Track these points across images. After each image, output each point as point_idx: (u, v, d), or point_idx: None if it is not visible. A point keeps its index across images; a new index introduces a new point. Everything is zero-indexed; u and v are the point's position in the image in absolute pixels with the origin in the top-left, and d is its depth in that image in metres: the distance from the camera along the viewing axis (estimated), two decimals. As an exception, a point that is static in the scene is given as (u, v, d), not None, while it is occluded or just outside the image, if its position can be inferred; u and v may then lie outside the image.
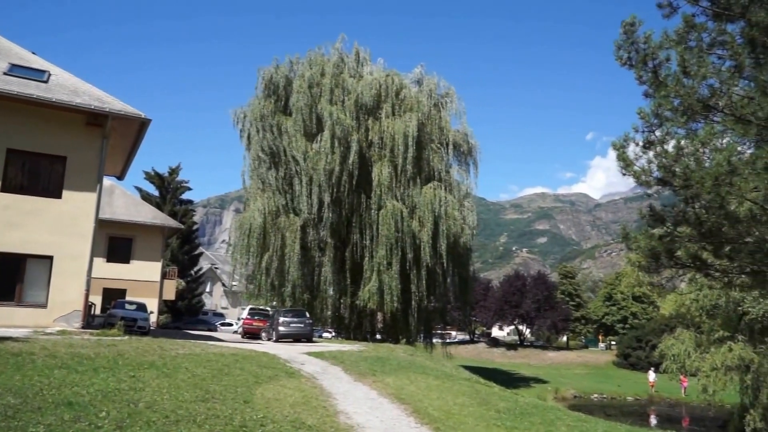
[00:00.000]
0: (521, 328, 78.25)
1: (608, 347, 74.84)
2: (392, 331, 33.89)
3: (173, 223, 36.04)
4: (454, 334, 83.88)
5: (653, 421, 34.79)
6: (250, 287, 35.00)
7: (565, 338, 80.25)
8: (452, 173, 36.23)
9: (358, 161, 31.20)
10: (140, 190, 48.57)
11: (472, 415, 10.90)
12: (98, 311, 27.68)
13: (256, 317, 31.54)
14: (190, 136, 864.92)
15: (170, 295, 37.04)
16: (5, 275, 17.41)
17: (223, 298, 73.48)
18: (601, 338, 78.94)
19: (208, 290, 67.24)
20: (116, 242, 32.78)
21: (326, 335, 43.86)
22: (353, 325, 34.56)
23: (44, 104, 17.57)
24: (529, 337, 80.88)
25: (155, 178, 49.91)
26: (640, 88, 8.22)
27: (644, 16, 7.94)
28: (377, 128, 32.57)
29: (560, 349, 75.49)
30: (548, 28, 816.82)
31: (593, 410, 30.09)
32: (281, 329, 26.09)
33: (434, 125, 34.87)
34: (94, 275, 18.87)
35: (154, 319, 29.63)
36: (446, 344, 50.25)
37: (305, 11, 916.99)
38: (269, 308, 33.09)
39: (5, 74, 18.26)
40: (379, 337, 35.81)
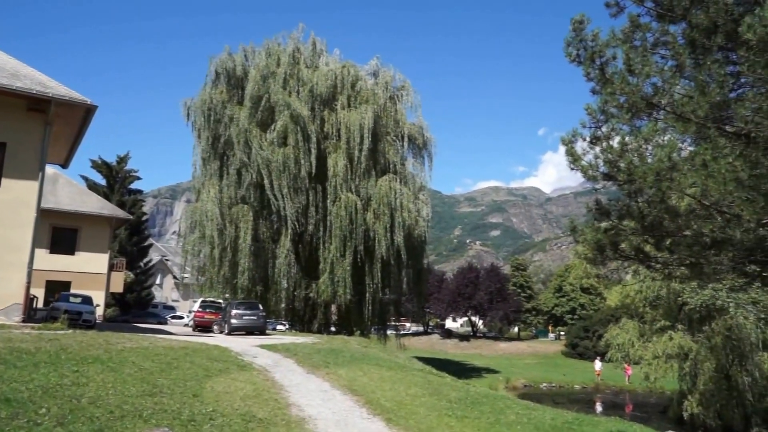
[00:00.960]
0: (474, 319, 79.57)
1: (558, 337, 76.91)
2: (346, 323, 33.93)
3: (121, 213, 34.94)
4: (408, 325, 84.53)
5: (599, 408, 35.97)
6: (201, 279, 34.37)
7: (516, 329, 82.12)
8: (407, 166, 36.46)
9: (313, 152, 30.98)
10: (86, 179, 46.94)
11: (424, 405, 11.04)
12: (41, 304, 26.65)
13: (207, 310, 30.99)
14: (141, 125, 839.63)
15: (118, 287, 35.92)
16: (-61, 267, 16.55)
17: (174, 290, 71.86)
18: (551, 329, 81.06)
19: (158, 282, 65.65)
20: (60, 233, 31.54)
21: (280, 328, 43.48)
22: (307, 317, 34.43)
23: (-19, 88, 16.72)
24: (481, 328, 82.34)
25: (103, 167, 48.29)
26: (588, 84, 8.42)
27: (593, 14, 8.14)
28: (333, 119, 32.41)
29: (512, 339, 77.18)
30: (502, 21, 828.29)
31: (542, 399, 30.91)
32: (234, 322, 25.79)
33: (390, 118, 34.95)
34: (36, 267, 18.14)
35: (100, 312, 28.75)
36: (400, 336, 50.49)
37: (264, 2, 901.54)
38: (221, 301, 32.58)
39: (-62, 55, 17.29)
40: (333, 329, 35.78)
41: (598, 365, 46.90)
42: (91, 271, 31.57)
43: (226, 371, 11.93)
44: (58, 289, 28.11)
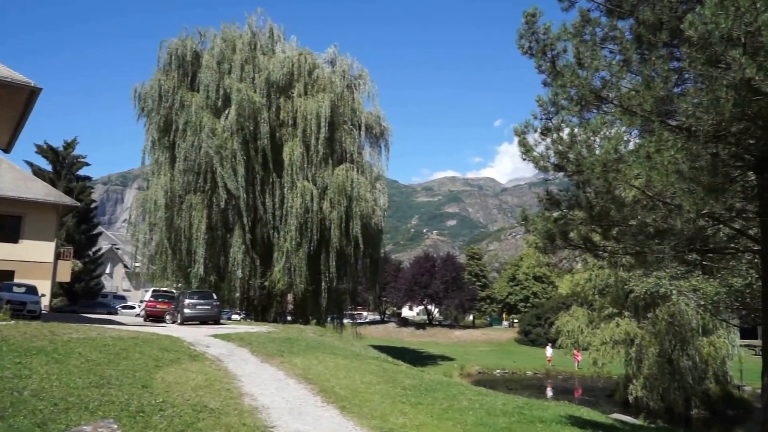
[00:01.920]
0: (430, 308, 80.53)
1: (511, 325, 78.63)
2: (302, 312, 33.77)
3: (68, 200, 33.66)
4: (365, 314, 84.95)
5: (549, 393, 37.02)
6: (152, 268, 33.53)
7: (471, 317, 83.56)
8: (364, 155, 36.40)
9: (269, 140, 30.55)
10: (31, 164, 44.98)
11: (378, 392, 11.13)
12: (-18, 295, 25.54)
13: (159, 299, 30.41)
14: (90, 109, 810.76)
15: (65, 277, 34.74)
16: None
17: (124, 280, 69.92)
18: (504, 317, 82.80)
19: (108, 272, 63.80)
20: (3, 220, 30.16)
21: (235, 317, 43.03)
22: (263, 306, 34.13)
23: None
24: (437, 316, 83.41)
25: (48, 152, 46.49)
26: (540, 77, 8.59)
27: (546, 7, 8.29)
28: (289, 107, 31.99)
29: (467, 327, 78.51)
30: (460, 11, 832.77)
31: (495, 385, 31.57)
32: (187, 311, 25.39)
33: (347, 107, 34.75)
34: (-25, 256, 17.39)
35: (46, 302, 27.73)
36: (357, 324, 50.87)
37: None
38: (174, 290, 31.94)
39: None
40: (289, 318, 35.61)
41: (549, 352, 48.15)
42: (36, 259, 30.37)
43: (177, 361, 11.74)
44: (0, 278, 27.00)
